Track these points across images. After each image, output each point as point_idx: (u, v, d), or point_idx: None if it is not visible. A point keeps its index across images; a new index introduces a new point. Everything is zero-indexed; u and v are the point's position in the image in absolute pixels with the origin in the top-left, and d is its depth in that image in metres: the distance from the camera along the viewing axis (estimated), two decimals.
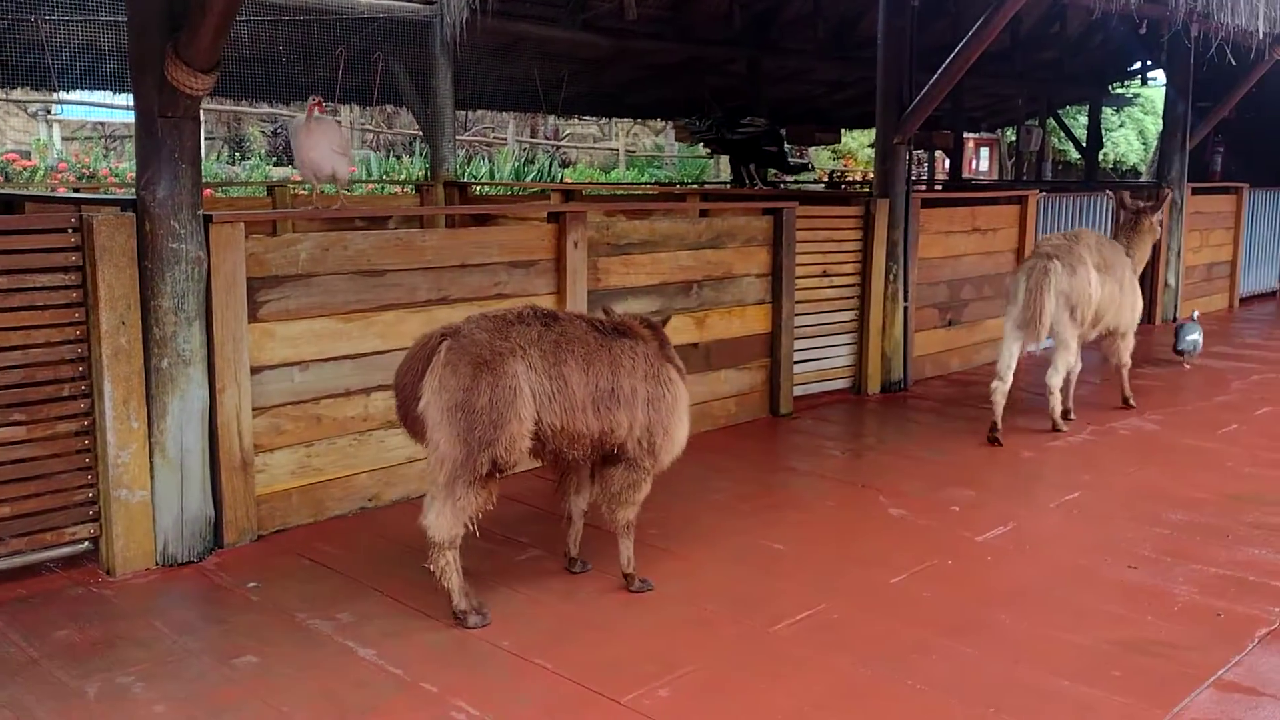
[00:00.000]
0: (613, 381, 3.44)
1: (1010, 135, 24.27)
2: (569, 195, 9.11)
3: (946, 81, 6.49)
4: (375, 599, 3.61)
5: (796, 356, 6.37)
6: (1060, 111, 18.40)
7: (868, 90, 12.11)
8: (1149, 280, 9.96)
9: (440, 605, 3.50)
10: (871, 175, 24.93)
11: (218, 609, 3.55)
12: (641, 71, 11.79)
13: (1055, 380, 5.83)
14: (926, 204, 7.18)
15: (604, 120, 23.03)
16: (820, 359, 6.69)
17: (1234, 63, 7.62)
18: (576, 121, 22.20)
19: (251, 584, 3.73)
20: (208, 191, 7.53)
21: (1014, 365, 5.75)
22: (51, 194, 7.55)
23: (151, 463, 3.79)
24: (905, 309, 6.93)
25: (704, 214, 6.54)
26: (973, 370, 7.72)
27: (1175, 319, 10.12)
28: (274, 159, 15.23)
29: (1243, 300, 11.44)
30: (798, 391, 6.43)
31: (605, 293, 5.26)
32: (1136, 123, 27.74)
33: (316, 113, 5.12)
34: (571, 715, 2.88)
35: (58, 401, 3.64)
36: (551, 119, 21.20)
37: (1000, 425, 5.64)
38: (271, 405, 4.15)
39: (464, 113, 15.14)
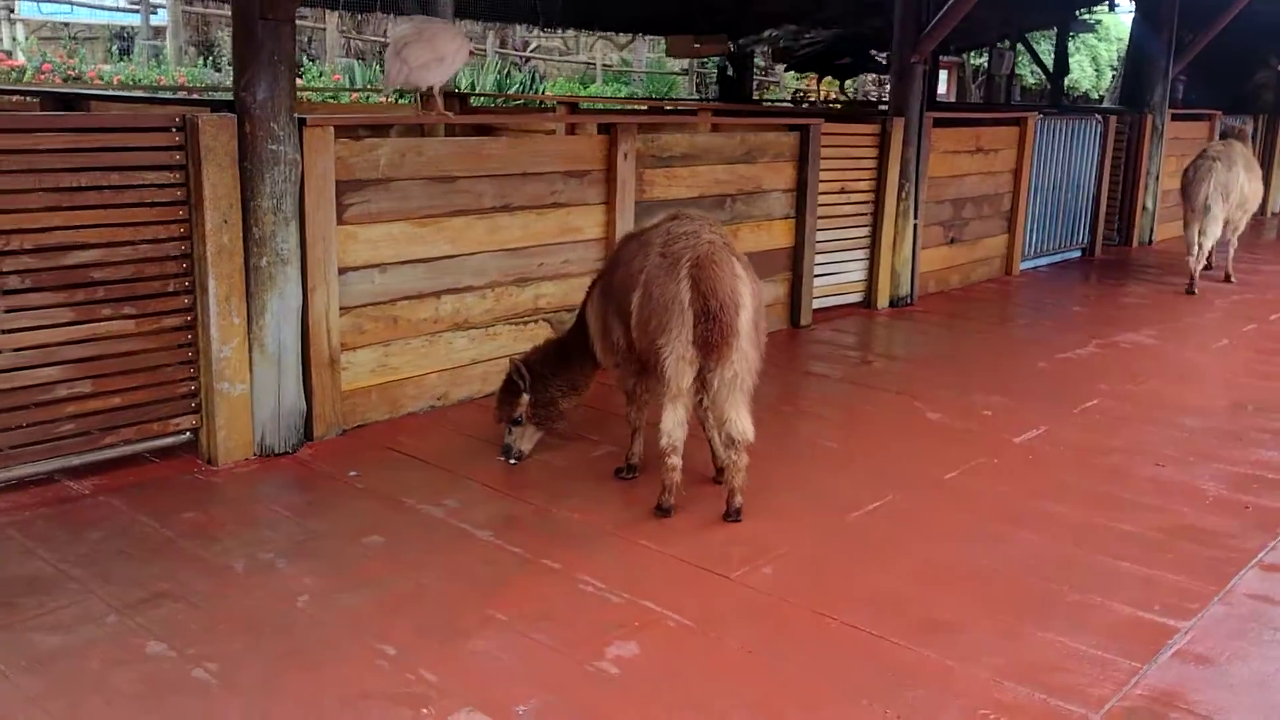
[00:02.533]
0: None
1: (974, 59, 24.48)
2: (574, 108, 9.16)
3: (966, 2, 6.66)
4: (473, 487, 3.83)
5: (815, 271, 6.61)
6: (1027, 36, 18.62)
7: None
8: (1128, 204, 10.33)
9: (535, 493, 3.74)
10: (833, 96, 24.84)
11: (328, 495, 3.74)
12: None
13: (1196, 238, 7.87)
14: (936, 124, 7.39)
15: (570, 33, 22.81)
16: (836, 274, 6.93)
17: None
18: (540, 34, 21.95)
19: (352, 473, 3.92)
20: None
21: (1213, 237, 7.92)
22: (144, 95, 7.42)
23: (251, 358, 3.93)
24: (915, 226, 7.19)
25: (715, 128, 6.70)
26: (971, 286, 8.04)
27: (1151, 241, 10.52)
28: None
29: None
30: (814, 305, 6.68)
31: (650, 204, 5.43)
32: (1090, 49, 28.06)
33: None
34: (690, 587, 3.14)
35: (164, 297, 3.76)
36: (520, 29, 20.96)
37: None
38: (354, 306, 4.29)
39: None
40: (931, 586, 3.20)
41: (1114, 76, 29.15)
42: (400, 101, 11.64)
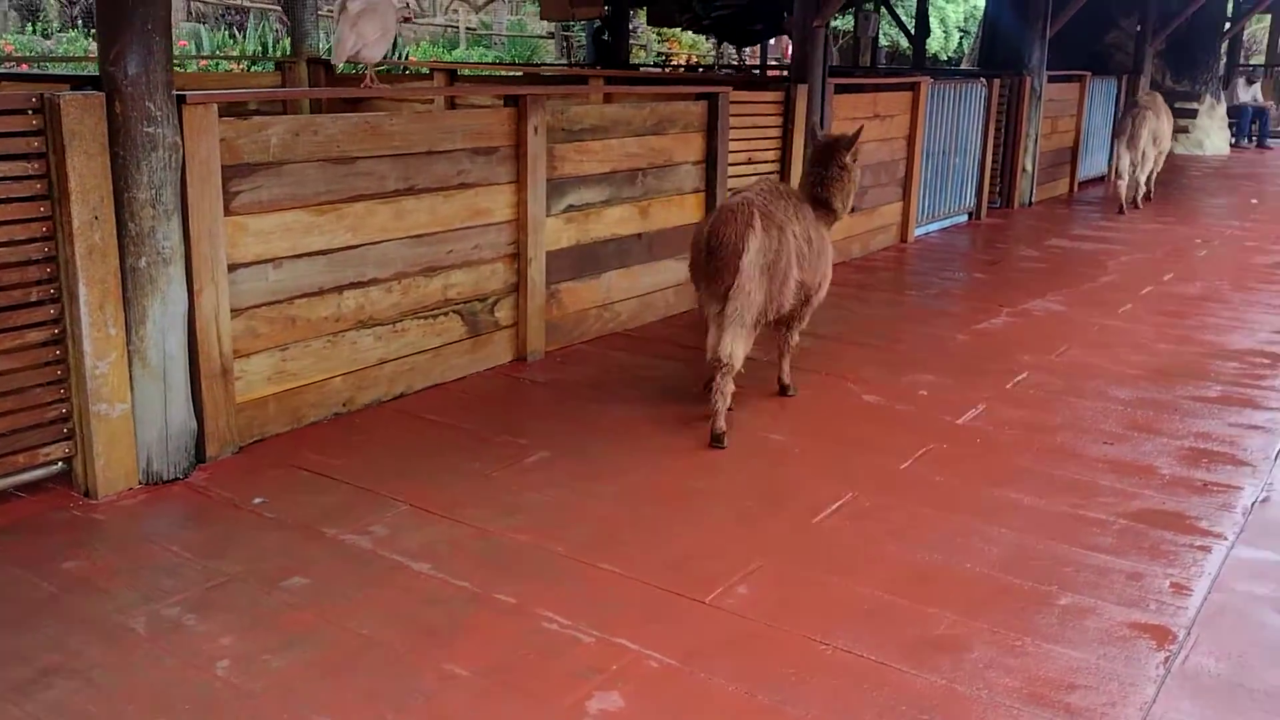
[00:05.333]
0: (815, 244, 4.34)
1: (837, 21, 24.61)
2: (452, 76, 8.65)
3: None
4: (399, 509, 3.42)
5: None
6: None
7: None
8: (1009, 167, 10.42)
9: (472, 511, 3.37)
10: (697, 60, 24.64)
11: (233, 528, 3.28)
12: None
13: (1129, 170, 10.07)
14: (837, 91, 7.20)
15: None
16: None
17: None
18: None
19: (258, 499, 3.46)
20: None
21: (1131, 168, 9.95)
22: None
23: (131, 373, 3.42)
24: None
25: (608, 98, 6.36)
26: (871, 255, 7.94)
27: (1031, 203, 10.65)
28: (81, 28, 13.73)
29: (1080, 185, 12.14)
30: None
31: (561, 181, 5.05)
32: (939, 11, 28.61)
33: None
34: (665, 617, 2.83)
35: (26, 308, 3.21)
36: None
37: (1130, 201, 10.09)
38: (247, 306, 3.80)
39: None
40: (918, 596, 2.98)
41: (962, 39, 29.90)
42: (255, 70, 10.84)
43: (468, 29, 20.68)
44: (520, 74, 10.86)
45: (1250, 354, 5.49)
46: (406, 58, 15.36)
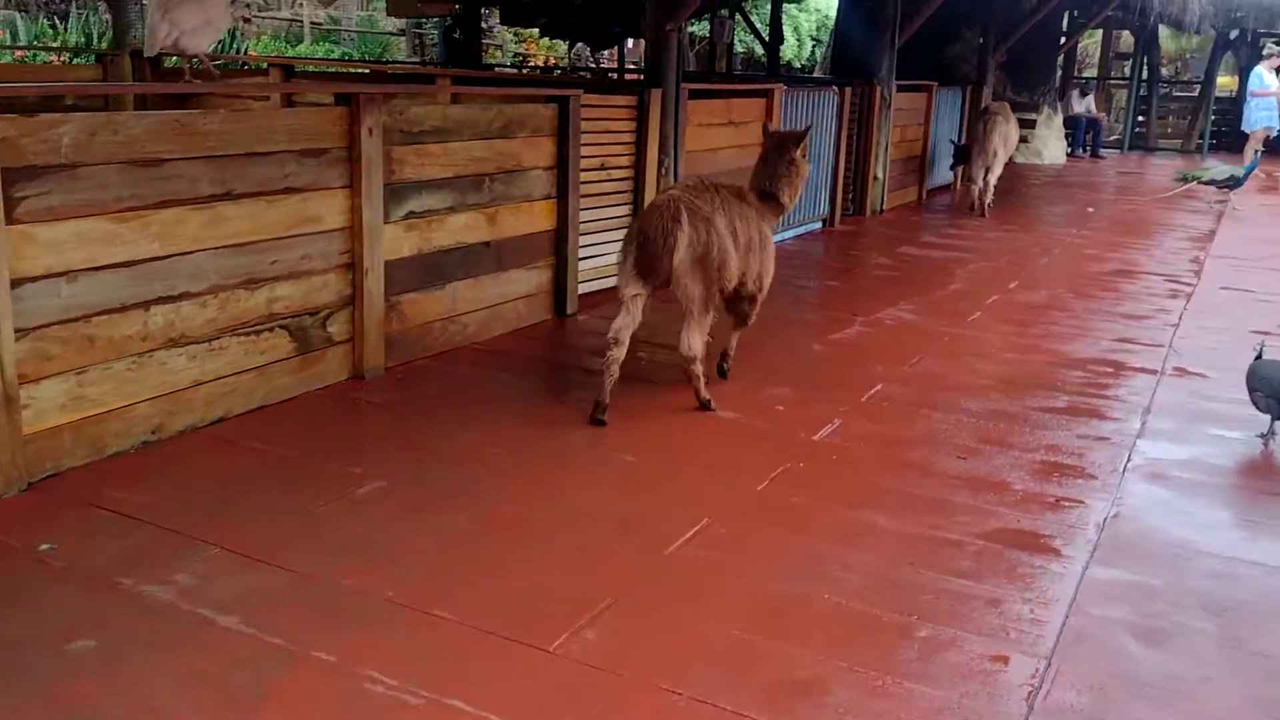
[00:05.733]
0: (747, 236, 4.50)
1: (691, 26, 24.72)
2: (289, 72, 8.18)
3: None
4: (209, 553, 3.07)
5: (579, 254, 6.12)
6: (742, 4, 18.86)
7: None
8: (861, 174, 10.52)
9: (292, 552, 3.05)
10: (555, 61, 24.39)
11: (14, 581, 2.87)
12: None
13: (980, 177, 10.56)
14: (691, 96, 7.07)
15: None
16: (599, 255, 6.47)
17: None
18: None
19: (45, 546, 3.05)
20: None
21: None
22: None
23: None
24: None
25: (456, 99, 6.08)
26: None
27: (882, 210, 10.78)
28: None
29: (928, 193, 12.39)
30: (579, 291, 6.21)
31: (400, 186, 4.74)
32: (792, 19, 29.14)
33: None
34: (505, 669, 2.58)
35: None
36: None
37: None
38: (36, 326, 3.38)
39: None
40: (776, 633, 2.81)
41: (814, 47, 30.52)
42: (77, 62, 10.08)
43: (313, 24, 19.92)
44: (366, 71, 10.40)
45: (1094, 362, 5.57)
46: (245, 52, 14.63)
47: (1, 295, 3.21)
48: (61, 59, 10.43)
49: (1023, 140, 16.22)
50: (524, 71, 16.44)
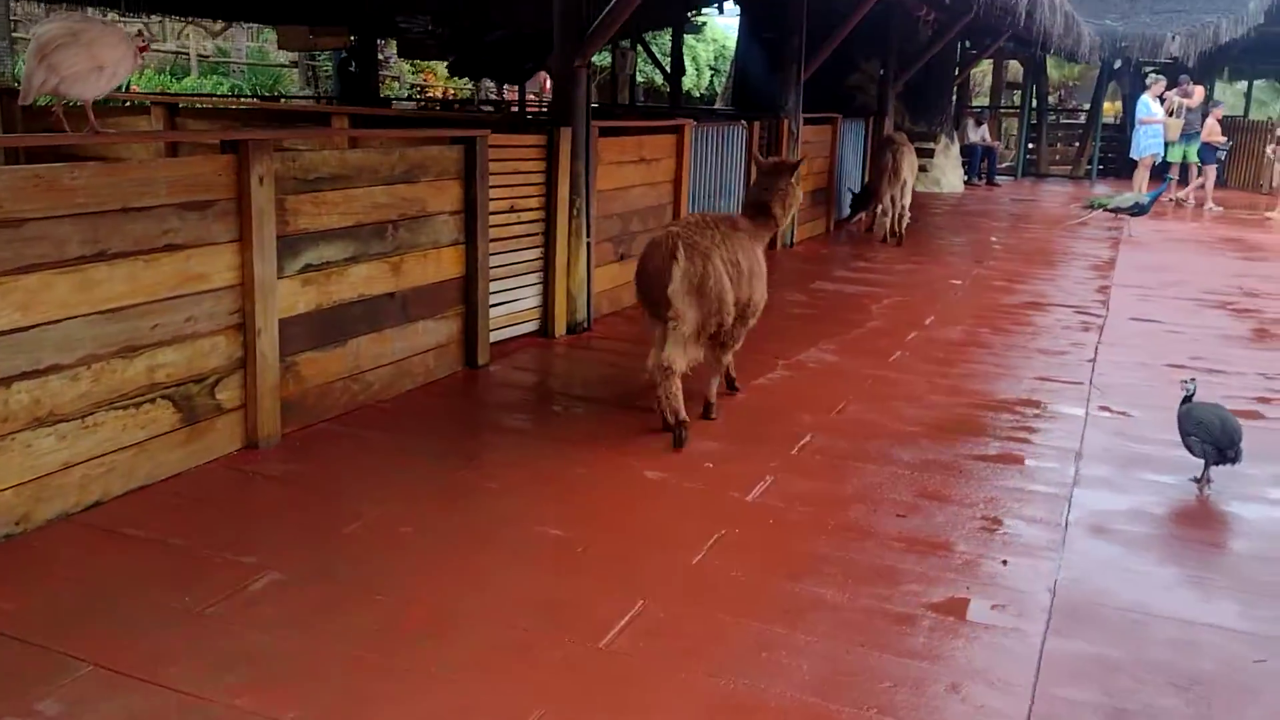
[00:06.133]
0: (745, 266, 4.73)
1: (596, 58, 24.64)
2: (173, 110, 7.73)
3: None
4: (81, 672, 2.69)
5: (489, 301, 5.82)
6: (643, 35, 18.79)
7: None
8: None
9: (178, 669, 2.69)
10: (454, 93, 24.01)
11: None
12: None
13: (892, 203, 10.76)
14: (601, 134, 6.84)
15: (152, 18, 20.17)
16: (509, 302, 6.18)
17: None
18: (122, 19, 19.27)
19: None
20: None
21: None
22: None
23: None
24: (588, 245, 6.60)
25: (354, 142, 5.75)
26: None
27: (792, 244, 10.70)
28: None
29: (835, 224, 12.36)
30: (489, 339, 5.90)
31: (296, 238, 4.40)
32: (690, 49, 29.32)
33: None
34: None
35: None
36: (92, 11, 18.19)
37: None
38: None
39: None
40: None
41: (713, 77, 30.72)
42: None
43: (200, 56, 19.22)
44: (255, 107, 9.95)
45: (1019, 404, 5.48)
46: (127, 88, 13.97)
47: None
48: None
49: (921, 169, 16.47)
50: (424, 106, 16.05)
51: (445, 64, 15.46)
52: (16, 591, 3.09)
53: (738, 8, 16.92)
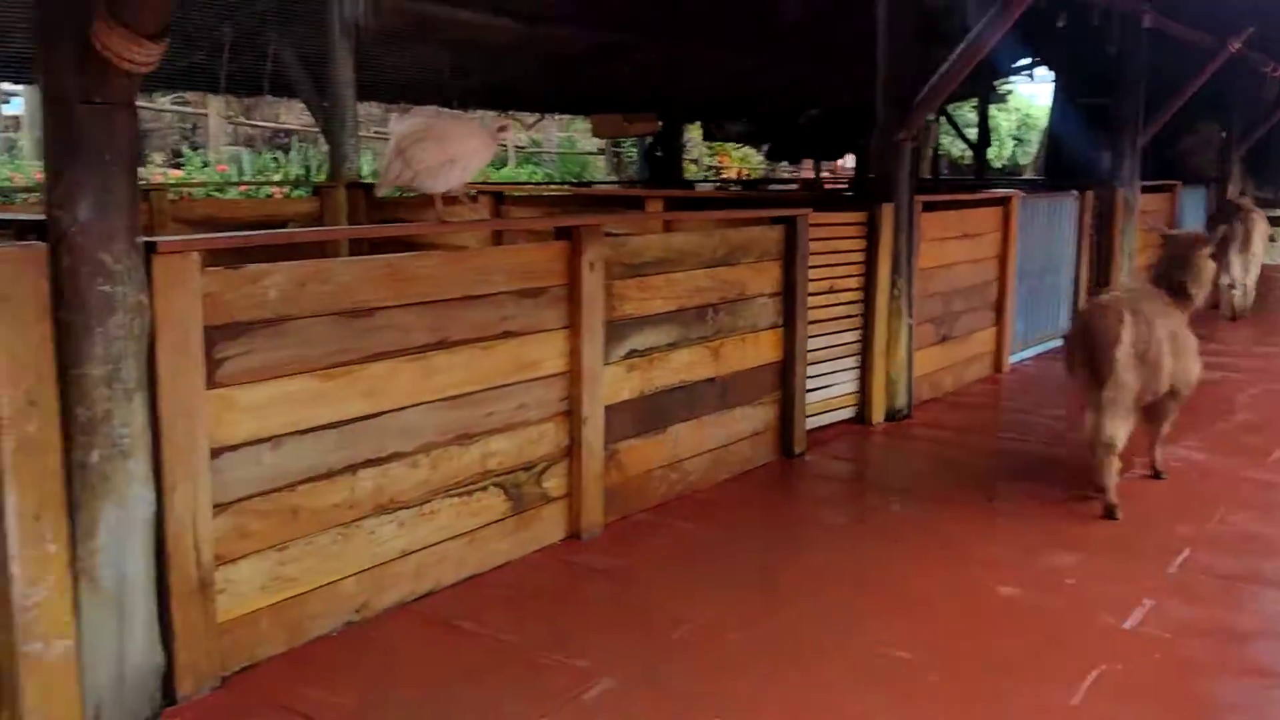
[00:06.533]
0: (1180, 339, 4.73)
1: None
2: (499, 198, 8.06)
3: (963, 67, 5.75)
4: None
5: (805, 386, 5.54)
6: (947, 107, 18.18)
7: (790, 81, 11.48)
8: (1104, 285, 9.56)
9: None
10: (748, 173, 24.24)
11: None
12: (546, 62, 10.92)
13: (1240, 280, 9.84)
14: (924, 209, 6.45)
15: (474, 113, 21.77)
16: (826, 386, 5.87)
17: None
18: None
19: None
20: None
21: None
22: None
23: (77, 600, 2.65)
24: (909, 326, 6.19)
25: (669, 225, 5.67)
26: (965, 389, 7.06)
27: None
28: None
29: None
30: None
31: (621, 323, 4.31)
32: (992, 119, 28.16)
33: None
34: None
35: None
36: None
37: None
38: (235, 500, 3.04)
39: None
40: None
41: (1015, 147, 29.41)
42: (295, 195, 10.40)
43: (517, 147, 20.47)
44: (567, 194, 10.33)
45: None
46: None
47: (201, 470, 2.88)
48: (281, 192, 10.79)
49: (1271, 239, 14.81)
50: (721, 187, 16.21)
51: (754, 147, 15.58)
52: (354, 684, 3.06)
53: (1050, 74, 16.08)
